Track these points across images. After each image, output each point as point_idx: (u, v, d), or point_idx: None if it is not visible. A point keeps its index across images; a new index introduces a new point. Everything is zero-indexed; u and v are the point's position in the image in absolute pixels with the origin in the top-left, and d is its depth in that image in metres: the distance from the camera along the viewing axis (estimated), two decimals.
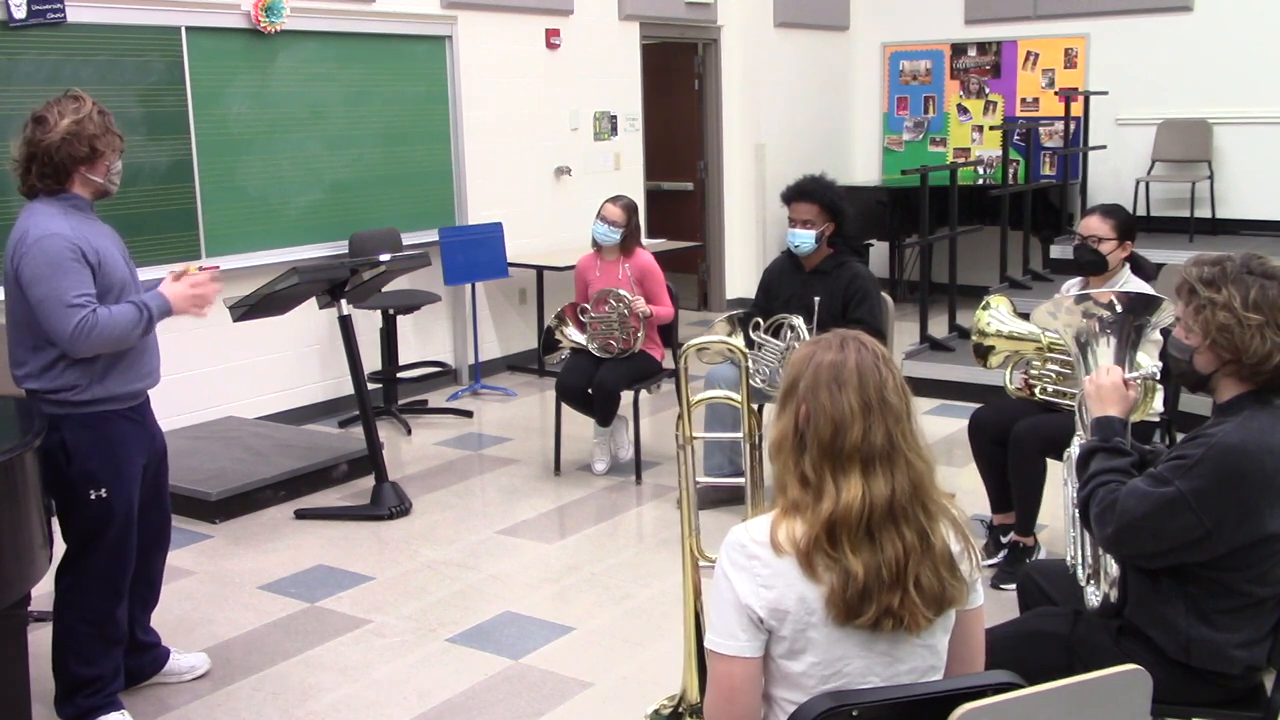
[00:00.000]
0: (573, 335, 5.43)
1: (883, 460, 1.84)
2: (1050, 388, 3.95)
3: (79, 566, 3.23)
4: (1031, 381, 4.01)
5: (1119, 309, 2.70)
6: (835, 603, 1.81)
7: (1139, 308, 2.70)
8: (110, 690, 3.31)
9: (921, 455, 1.88)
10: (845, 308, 4.73)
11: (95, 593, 3.24)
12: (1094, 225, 4.07)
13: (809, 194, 4.77)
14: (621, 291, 5.34)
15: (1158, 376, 2.63)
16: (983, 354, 4.02)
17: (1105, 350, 2.68)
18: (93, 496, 3.18)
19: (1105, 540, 2.39)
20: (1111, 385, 2.53)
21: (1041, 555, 4.22)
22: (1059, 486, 3.05)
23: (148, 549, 3.46)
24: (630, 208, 5.47)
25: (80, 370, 3.15)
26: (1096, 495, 2.40)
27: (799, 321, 4.66)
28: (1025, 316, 3.73)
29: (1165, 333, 2.59)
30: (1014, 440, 4.04)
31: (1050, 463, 3.99)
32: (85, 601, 3.24)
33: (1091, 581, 2.60)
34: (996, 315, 3.98)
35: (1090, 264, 4.07)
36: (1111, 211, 4.12)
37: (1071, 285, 4.23)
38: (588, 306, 5.41)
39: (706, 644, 1.89)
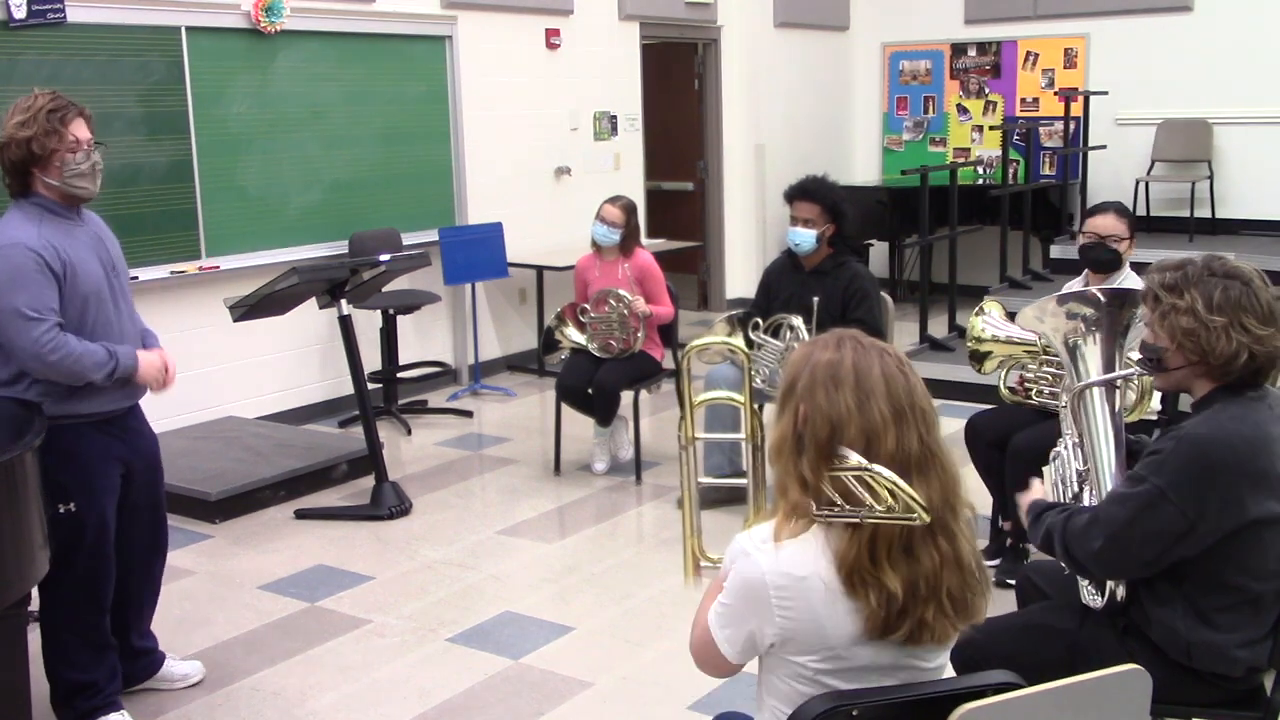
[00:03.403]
0: (572, 335, 5.43)
1: (917, 468, 1.81)
2: (1046, 389, 3.94)
3: (59, 578, 3.14)
4: (1027, 384, 4.01)
5: (1103, 302, 2.70)
6: (872, 622, 1.78)
7: (1125, 301, 2.70)
8: (107, 693, 3.29)
9: (951, 461, 1.86)
10: (845, 308, 4.73)
11: (76, 603, 3.21)
12: (1111, 225, 4.08)
13: (811, 193, 4.77)
14: (621, 291, 5.33)
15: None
16: (979, 359, 4.02)
17: (1093, 349, 2.68)
18: (61, 511, 3.11)
19: (1092, 555, 2.35)
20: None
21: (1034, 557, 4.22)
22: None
23: (145, 556, 3.43)
24: (629, 208, 5.47)
25: (47, 383, 3.09)
26: (1072, 523, 2.40)
27: (798, 321, 4.66)
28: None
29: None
30: (1011, 452, 4.03)
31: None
32: (68, 611, 3.21)
33: (1092, 580, 2.59)
34: (990, 321, 3.98)
35: (1107, 262, 4.09)
36: (1125, 211, 4.18)
37: (1072, 285, 4.23)
38: (587, 306, 5.41)
39: (710, 621, 1.91)
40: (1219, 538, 2.29)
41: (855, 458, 1.73)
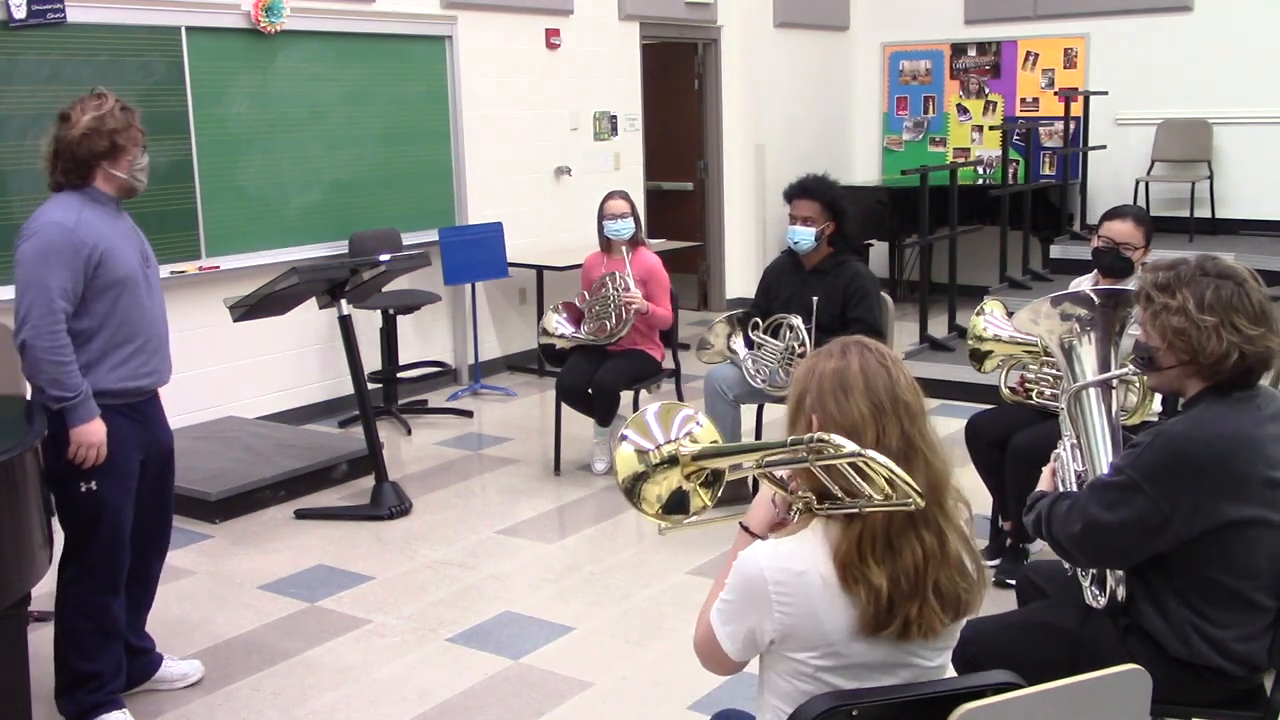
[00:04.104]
0: (558, 326, 5.44)
1: (899, 462, 1.80)
2: (1047, 390, 3.94)
3: (77, 560, 3.23)
4: (1028, 385, 4.00)
5: (1097, 303, 2.70)
6: (865, 619, 1.79)
7: (1119, 301, 2.71)
8: (111, 688, 3.30)
9: (939, 455, 1.86)
10: (845, 307, 4.72)
11: (92, 587, 3.24)
12: (1128, 232, 4.04)
13: (811, 191, 4.77)
14: (617, 273, 5.35)
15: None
16: (979, 359, 4.02)
17: (1089, 349, 2.68)
18: (83, 489, 3.17)
19: (1071, 538, 2.40)
20: None
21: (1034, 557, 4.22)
22: None
23: (146, 551, 3.45)
24: (627, 195, 5.59)
25: (85, 360, 3.15)
26: (1057, 506, 2.45)
27: (798, 321, 4.66)
28: None
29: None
30: (1012, 453, 4.03)
31: None
32: (83, 596, 3.24)
33: (1094, 581, 2.59)
34: (992, 320, 3.98)
35: (1119, 269, 4.07)
36: (1144, 218, 4.12)
37: (1081, 282, 4.21)
38: (588, 293, 5.44)
39: (712, 618, 1.91)
40: (1197, 535, 2.30)
41: (850, 445, 1.74)
